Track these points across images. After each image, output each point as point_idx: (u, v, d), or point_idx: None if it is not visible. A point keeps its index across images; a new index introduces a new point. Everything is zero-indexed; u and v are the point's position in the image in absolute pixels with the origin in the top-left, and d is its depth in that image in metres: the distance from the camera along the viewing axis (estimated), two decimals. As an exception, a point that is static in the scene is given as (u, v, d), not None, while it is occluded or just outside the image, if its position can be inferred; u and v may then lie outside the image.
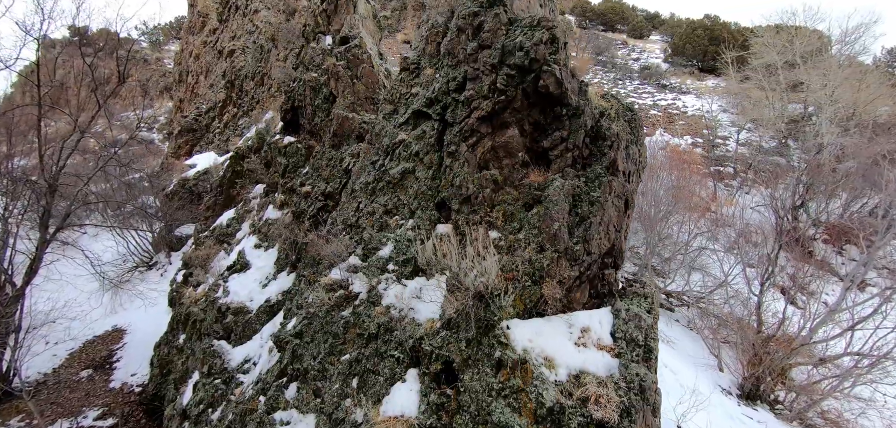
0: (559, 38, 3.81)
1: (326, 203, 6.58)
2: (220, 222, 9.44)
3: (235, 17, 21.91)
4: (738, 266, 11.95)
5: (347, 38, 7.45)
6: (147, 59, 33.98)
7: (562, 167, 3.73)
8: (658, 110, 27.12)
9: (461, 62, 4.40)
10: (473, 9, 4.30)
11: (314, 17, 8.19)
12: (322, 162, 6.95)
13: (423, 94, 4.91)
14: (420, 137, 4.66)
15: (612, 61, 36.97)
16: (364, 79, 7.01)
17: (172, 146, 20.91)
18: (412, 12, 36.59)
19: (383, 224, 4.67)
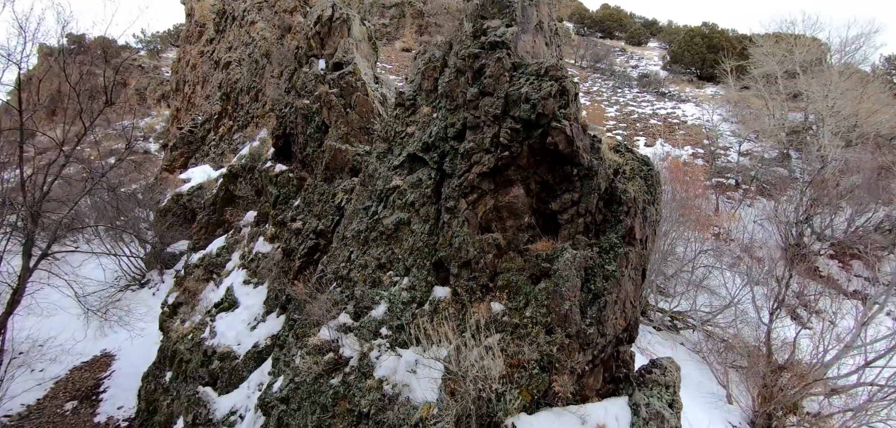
0: (569, 90, 3.41)
1: (318, 242, 6.17)
2: (210, 251, 9.02)
3: (232, 28, 21.50)
4: (746, 288, 11.55)
5: (341, 63, 7.04)
6: (144, 66, 33.53)
7: (572, 234, 3.33)
8: (658, 119, 26.76)
9: (460, 107, 4.00)
10: (474, 50, 3.90)
11: (307, 40, 7.79)
12: (314, 196, 6.54)
13: (419, 136, 4.51)
14: (416, 185, 4.25)
15: (610, 69, 36.66)
16: (358, 108, 6.60)
17: (167, 158, 20.47)
18: (411, 20, 36.21)
19: (376, 280, 4.27)
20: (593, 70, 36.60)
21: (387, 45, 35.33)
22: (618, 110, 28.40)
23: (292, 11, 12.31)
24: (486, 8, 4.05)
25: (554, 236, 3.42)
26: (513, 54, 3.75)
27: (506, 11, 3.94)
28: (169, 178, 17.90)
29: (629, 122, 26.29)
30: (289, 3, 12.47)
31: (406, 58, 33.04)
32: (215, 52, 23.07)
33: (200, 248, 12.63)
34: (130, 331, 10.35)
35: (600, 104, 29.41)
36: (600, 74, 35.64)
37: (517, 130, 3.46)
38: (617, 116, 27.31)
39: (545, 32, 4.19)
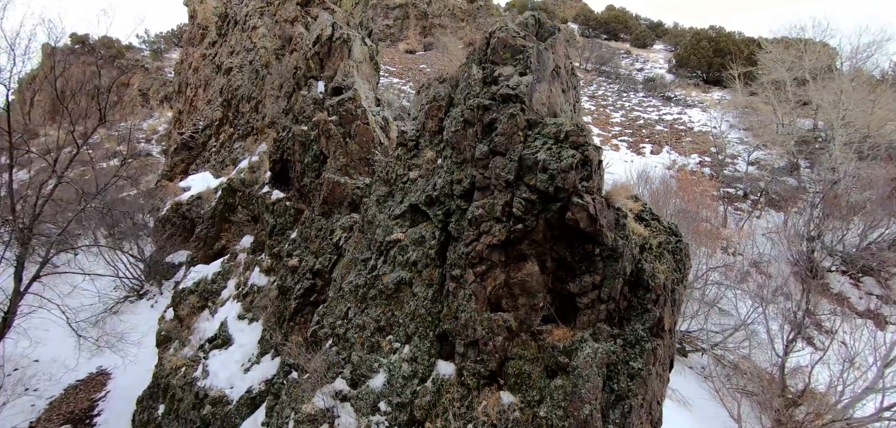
0: (592, 160, 3.02)
1: (315, 282, 5.80)
2: (206, 276, 8.67)
3: (234, 32, 21.09)
4: (757, 309, 11.11)
5: (341, 88, 6.65)
6: (147, 67, 33.20)
7: (593, 321, 2.96)
8: (664, 125, 26.24)
9: (468, 162, 3.61)
10: (484, 101, 3.51)
11: (306, 60, 7.39)
12: (311, 231, 6.17)
13: (422, 186, 4.13)
14: (418, 242, 3.88)
15: (615, 72, 36.09)
16: (358, 137, 6.21)
17: (167, 164, 20.15)
18: (414, 21, 35.72)
19: (375, 345, 3.90)
20: (598, 73, 36.06)
21: (390, 47, 34.87)
22: (623, 115, 27.90)
23: (293, 21, 11.89)
24: (497, 52, 3.65)
25: (572, 319, 3.04)
26: (527, 109, 3.34)
27: (519, 58, 3.54)
28: (168, 187, 17.58)
29: (635, 129, 25.79)
30: (290, 13, 12.05)
31: (410, 60, 32.58)
32: (217, 55, 22.69)
33: (199, 261, 12.30)
34: (124, 357, 10.03)
35: (605, 109, 28.91)
36: (605, 77, 35.10)
37: (532, 201, 3.07)
38: (622, 122, 26.81)
39: (562, 78, 3.79)
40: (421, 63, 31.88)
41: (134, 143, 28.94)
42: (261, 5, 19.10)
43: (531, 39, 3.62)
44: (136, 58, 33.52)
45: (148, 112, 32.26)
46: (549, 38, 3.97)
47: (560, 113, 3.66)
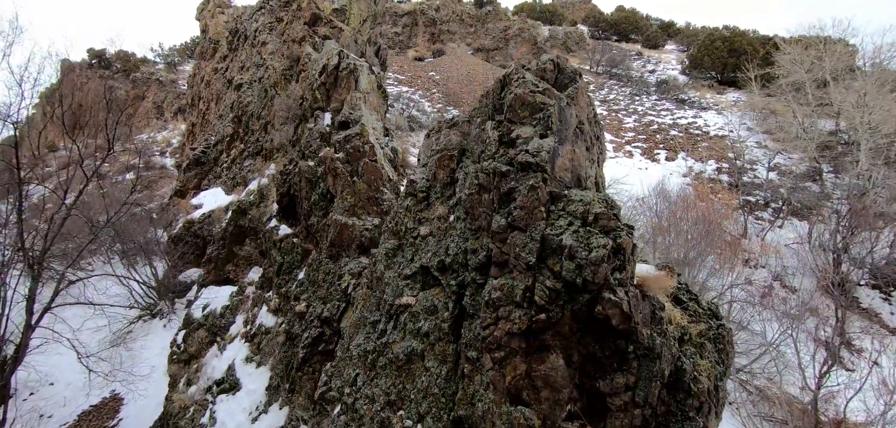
0: (626, 248, 2.67)
1: (323, 330, 5.53)
2: (215, 309, 8.47)
3: (244, 47, 21.04)
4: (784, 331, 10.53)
5: (347, 122, 6.37)
6: (162, 80, 33.48)
7: (626, 427, 2.62)
8: (678, 130, 25.55)
9: (483, 230, 3.29)
10: (500, 167, 3.17)
11: (312, 91, 7.14)
12: (319, 274, 5.90)
13: (433, 248, 3.81)
14: (430, 312, 3.56)
15: (627, 74, 35.38)
16: (366, 176, 5.91)
17: (180, 180, 20.17)
18: (423, 28, 35.45)
19: (385, 421, 3.60)
20: (609, 76, 35.39)
21: (400, 55, 34.66)
22: (636, 120, 27.26)
23: (301, 41, 11.68)
24: (514, 110, 3.31)
25: (602, 419, 2.70)
26: (550, 179, 3.00)
27: (538, 117, 3.19)
28: (181, 204, 17.56)
29: (649, 134, 25.15)
30: (297, 33, 11.85)
31: (419, 67, 32.32)
32: (228, 69, 22.69)
33: (210, 282, 12.18)
34: (134, 390, 9.92)
35: (618, 114, 28.30)
36: (617, 80, 34.41)
37: (557, 291, 2.73)
38: (635, 127, 26.19)
39: (585, 134, 3.43)
40: (430, 70, 31.60)
41: (149, 156, 29.15)
42: (270, 21, 19.00)
43: (552, 94, 3.27)
44: (150, 71, 33.83)
45: (162, 124, 32.55)
46: (569, 86, 3.62)
47: (585, 177, 3.31)
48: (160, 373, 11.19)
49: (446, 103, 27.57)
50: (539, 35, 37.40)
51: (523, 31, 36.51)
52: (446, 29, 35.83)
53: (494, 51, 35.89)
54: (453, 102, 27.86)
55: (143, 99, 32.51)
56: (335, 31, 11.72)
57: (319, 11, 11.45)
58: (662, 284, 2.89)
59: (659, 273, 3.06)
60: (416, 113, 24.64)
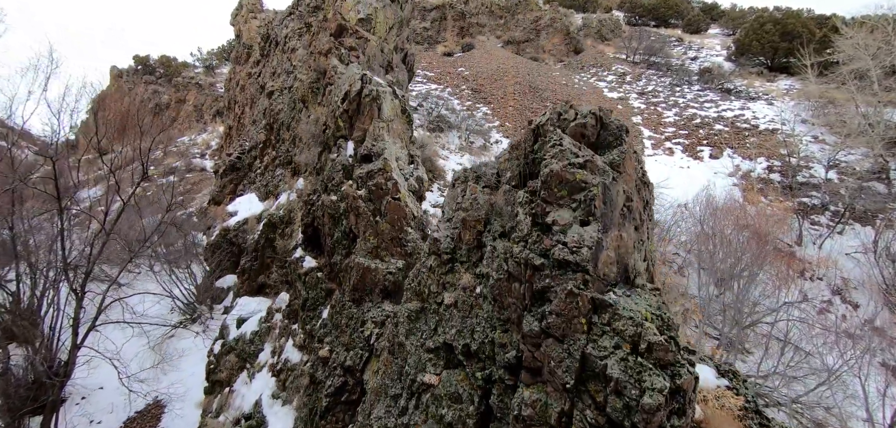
0: (686, 389, 2.18)
1: (346, 380, 5.27)
2: (244, 334, 8.45)
3: (275, 53, 21.18)
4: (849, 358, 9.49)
5: (370, 155, 6.03)
6: (201, 83, 34.47)
7: None
8: (724, 123, 23.87)
9: (513, 324, 2.86)
10: (533, 259, 2.71)
11: (335, 119, 6.85)
12: (342, 317, 5.63)
13: (457, 324, 3.41)
14: (454, 399, 3.18)
15: (667, 63, 33.44)
16: (389, 215, 5.56)
17: (217, 185, 20.67)
18: (452, 23, 34.76)
19: (404, 517, 3.28)
20: (647, 65, 33.57)
21: (428, 50, 34.14)
22: (677, 114, 25.70)
23: (327, 53, 11.43)
24: (550, 187, 2.82)
25: None
26: (592, 280, 2.52)
27: (579, 198, 2.68)
28: (217, 211, 17.96)
29: (691, 129, 23.64)
30: (323, 45, 11.60)
31: (448, 63, 31.73)
32: (261, 75, 22.97)
33: (243, 292, 12.30)
34: (171, 410, 10.16)
35: (657, 107, 26.78)
36: (655, 70, 32.59)
37: (599, 426, 2.28)
38: (676, 121, 24.69)
39: (634, 211, 2.90)
40: (459, 66, 30.96)
41: (190, 159, 30.11)
42: (299, 27, 18.95)
43: (594, 168, 2.75)
44: (190, 75, 34.89)
45: (202, 127, 33.59)
46: (614, 145, 3.09)
47: (633, 268, 2.80)
48: (199, 380, 11.46)
49: (475, 101, 26.94)
50: (571, 24, 35.91)
51: (555, 21, 35.14)
52: (475, 22, 34.99)
53: (525, 43, 34.78)
54: (482, 99, 27.19)
55: (184, 102, 33.60)
56: (361, 41, 11.40)
57: (345, 22, 11.15)
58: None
59: (724, 393, 2.53)
60: (445, 112, 24.14)
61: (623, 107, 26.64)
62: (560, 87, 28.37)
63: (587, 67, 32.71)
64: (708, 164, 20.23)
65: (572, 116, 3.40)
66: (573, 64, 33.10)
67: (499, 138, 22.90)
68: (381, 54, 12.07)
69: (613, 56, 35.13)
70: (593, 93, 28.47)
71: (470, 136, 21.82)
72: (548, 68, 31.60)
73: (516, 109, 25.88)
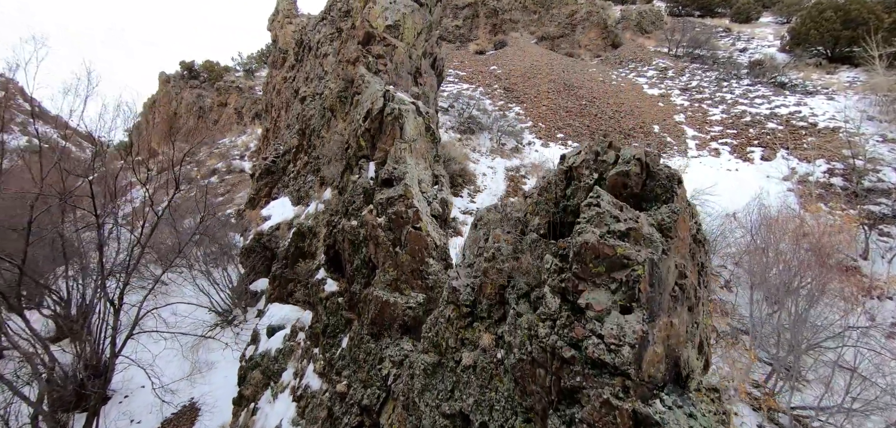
0: None
1: (363, 420, 4.99)
2: (269, 350, 8.40)
3: (308, 58, 21.35)
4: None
5: (391, 179, 5.68)
6: (241, 87, 35.48)
7: None
8: (777, 121, 22.03)
9: (537, 418, 2.41)
10: (560, 349, 2.23)
11: (356, 138, 6.56)
12: (360, 352, 5.35)
13: (476, 394, 3.00)
14: (471, 485, 2.79)
15: (713, 55, 31.38)
16: (409, 246, 5.20)
17: (253, 188, 21.13)
18: (484, 20, 34.05)
19: None
20: (691, 59, 31.62)
21: (460, 49, 33.61)
22: (724, 111, 23.99)
23: (354, 62, 11.22)
24: (584, 261, 2.34)
25: None
26: (635, 386, 2.03)
27: (620, 278, 2.19)
28: (252, 215, 18.31)
29: (740, 127, 21.97)
30: (351, 53, 11.39)
31: (480, 61, 31.09)
32: (295, 79, 23.27)
33: (274, 299, 12.36)
34: (204, 414, 10.34)
35: (701, 104, 25.11)
36: (700, 63, 30.65)
37: None
38: (723, 119, 23.03)
39: (687, 289, 2.35)
40: (491, 64, 30.26)
41: (230, 161, 31.03)
42: (331, 32, 18.95)
43: (639, 237, 2.25)
44: (231, 79, 35.98)
45: (242, 128, 34.62)
46: (664, 200, 2.56)
47: (687, 366, 2.27)
48: (231, 383, 11.64)
49: (508, 100, 26.22)
50: (609, 17, 34.34)
51: (592, 15, 33.71)
52: (508, 18, 34.10)
53: (560, 38, 33.57)
54: (515, 99, 26.42)
55: (225, 106, 34.71)
56: (389, 49, 11.09)
57: (373, 29, 10.87)
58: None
59: None
60: (477, 112, 23.59)
61: (664, 104, 25.17)
62: (597, 84, 27.17)
63: (626, 62, 31.19)
64: (759, 166, 18.69)
65: (612, 159, 2.89)
66: (611, 59, 31.66)
67: (531, 139, 22.15)
68: (409, 61, 11.73)
69: (654, 49, 33.34)
70: (632, 89, 27.08)
71: (502, 137, 21.21)
72: (584, 64, 30.36)
73: (550, 109, 24.99)
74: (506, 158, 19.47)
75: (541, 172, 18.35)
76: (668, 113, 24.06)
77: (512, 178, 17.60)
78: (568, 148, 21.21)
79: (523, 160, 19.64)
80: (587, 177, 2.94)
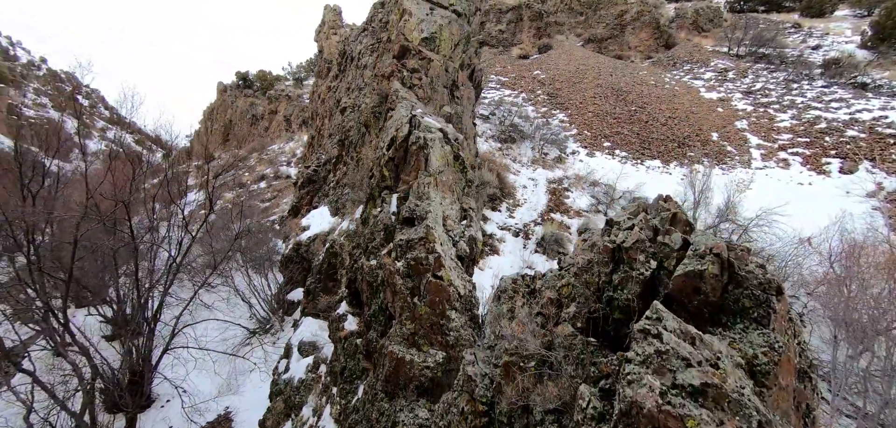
0: None
1: (373, 488, 4.45)
2: (292, 378, 8.10)
3: (350, 69, 21.35)
4: None
5: (412, 218, 5.09)
6: (290, 95, 36.50)
7: None
8: (859, 128, 19.40)
9: None
10: None
11: (380, 167, 6.03)
12: (374, 410, 4.80)
13: None
14: None
15: (780, 54, 28.42)
16: (429, 297, 4.58)
17: (295, 197, 21.44)
18: (528, 23, 32.89)
19: None
20: (755, 58, 28.82)
21: (502, 54, 32.66)
22: (794, 116, 21.51)
23: (389, 77, 10.79)
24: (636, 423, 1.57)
25: None
26: None
27: None
28: (292, 224, 18.49)
29: (814, 135, 19.54)
30: (386, 68, 10.97)
31: (523, 66, 30.00)
32: (338, 89, 23.41)
33: (309, 312, 12.20)
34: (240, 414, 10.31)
35: (767, 109, 22.68)
36: (765, 64, 27.85)
37: None
38: (794, 127, 20.62)
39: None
40: (535, 69, 29.08)
41: (277, 167, 31.89)
42: (372, 43, 18.74)
43: (721, 401, 1.48)
44: (281, 87, 37.10)
45: (290, 135, 35.61)
46: (755, 318, 1.76)
47: None
48: (262, 395, 11.57)
49: (551, 107, 25.02)
50: (662, 16, 32.08)
51: (643, 14, 31.62)
52: (553, 21, 32.73)
53: (608, 40, 31.78)
54: (559, 105, 25.17)
55: (276, 113, 35.82)
56: (424, 62, 10.55)
57: (408, 43, 10.37)
58: None
59: None
60: (518, 120, 22.62)
61: (724, 109, 22.99)
62: (648, 88, 25.32)
63: (680, 64, 28.94)
64: (837, 180, 16.44)
65: (677, 244, 2.10)
66: (663, 60, 29.51)
67: (576, 148, 20.89)
68: (446, 74, 11.14)
69: (712, 49, 30.74)
70: (687, 93, 25.01)
71: (544, 146, 20.15)
72: (634, 67, 28.47)
73: (596, 115, 23.54)
74: (548, 169, 18.42)
75: (583, 185, 17.16)
76: (729, 119, 21.90)
77: (553, 191, 16.56)
78: (615, 158, 19.75)
79: (566, 171, 18.50)
80: (641, 265, 2.17)
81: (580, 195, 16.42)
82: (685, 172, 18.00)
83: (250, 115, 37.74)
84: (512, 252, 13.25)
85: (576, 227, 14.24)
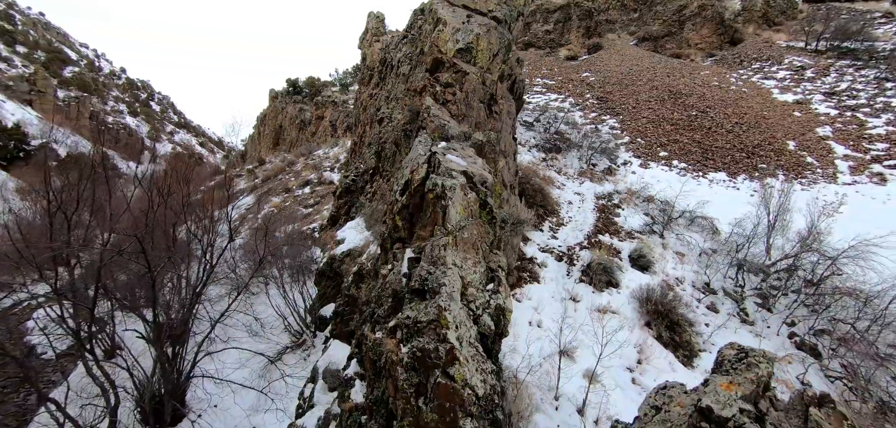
0: None
1: None
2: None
3: (390, 77, 20.66)
4: None
5: (423, 289, 4.03)
6: (336, 101, 36.71)
7: None
8: (978, 138, 15.98)
9: None
10: None
11: (392, 215, 5.01)
12: None
13: None
14: None
15: (869, 49, 24.51)
16: (437, 402, 3.50)
17: (334, 206, 21.09)
18: (577, 23, 30.80)
19: None
20: (838, 54, 25.08)
21: (549, 55, 30.79)
22: (889, 122, 18.22)
23: (421, 92, 9.80)
24: None
25: None
26: None
27: None
28: (326, 236, 18.06)
29: (917, 146, 16.34)
30: (418, 82, 9.98)
31: (571, 68, 28.02)
32: (378, 98, 22.85)
33: (336, 335, 11.59)
34: None
35: (855, 112, 19.43)
36: (851, 60, 24.11)
37: None
38: (889, 134, 17.42)
39: None
40: (583, 70, 27.03)
41: (321, 172, 32.04)
42: (411, 51, 17.88)
43: None
44: (328, 94, 37.41)
45: (335, 141, 35.80)
46: None
47: None
48: (290, 414, 11.04)
49: (601, 112, 23.03)
50: (727, 9, 28.77)
51: (705, 8, 28.54)
52: (604, 19, 30.40)
53: (665, 37, 29.00)
54: (609, 110, 23.11)
55: (322, 119, 36.14)
56: (458, 76, 9.44)
57: (441, 55, 9.31)
58: None
59: None
60: (565, 127, 20.93)
61: (802, 114, 19.99)
62: (711, 89, 22.65)
63: (748, 62, 25.75)
64: (953, 202, 13.49)
65: None
66: (728, 58, 26.44)
67: (628, 158, 18.91)
68: (483, 88, 9.96)
69: (786, 45, 27.16)
70: (757, 95, 22.08)
71: (592, 156, 18.37)
72: (694, 66, 25.68)
73: (651, 121, 21.30)
74: (596, 182, 16.69)
75: (635, 201, 15.29)
76: (808, 125, 18.95)
77: (602, 208, 14.87)
78: (672, 170, 17.58)
79: (617, 184, 16.67)
80: None
81: (632, 213, 14.61)
82: (756, 188, 15.58)
83: (299, 121, 38.39)
84: (553, 279, 11.83)
85: (627, 251, 12.57)
